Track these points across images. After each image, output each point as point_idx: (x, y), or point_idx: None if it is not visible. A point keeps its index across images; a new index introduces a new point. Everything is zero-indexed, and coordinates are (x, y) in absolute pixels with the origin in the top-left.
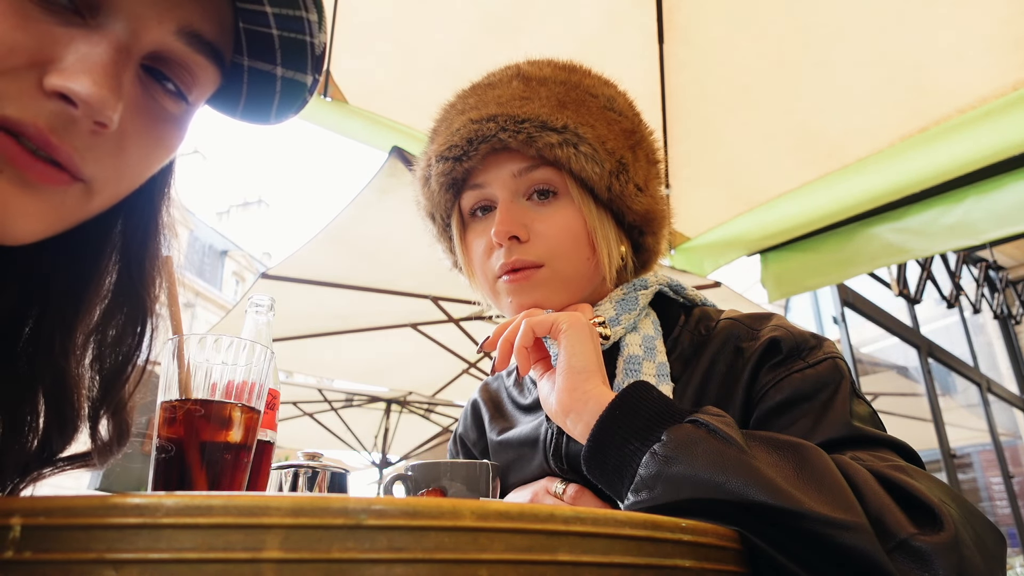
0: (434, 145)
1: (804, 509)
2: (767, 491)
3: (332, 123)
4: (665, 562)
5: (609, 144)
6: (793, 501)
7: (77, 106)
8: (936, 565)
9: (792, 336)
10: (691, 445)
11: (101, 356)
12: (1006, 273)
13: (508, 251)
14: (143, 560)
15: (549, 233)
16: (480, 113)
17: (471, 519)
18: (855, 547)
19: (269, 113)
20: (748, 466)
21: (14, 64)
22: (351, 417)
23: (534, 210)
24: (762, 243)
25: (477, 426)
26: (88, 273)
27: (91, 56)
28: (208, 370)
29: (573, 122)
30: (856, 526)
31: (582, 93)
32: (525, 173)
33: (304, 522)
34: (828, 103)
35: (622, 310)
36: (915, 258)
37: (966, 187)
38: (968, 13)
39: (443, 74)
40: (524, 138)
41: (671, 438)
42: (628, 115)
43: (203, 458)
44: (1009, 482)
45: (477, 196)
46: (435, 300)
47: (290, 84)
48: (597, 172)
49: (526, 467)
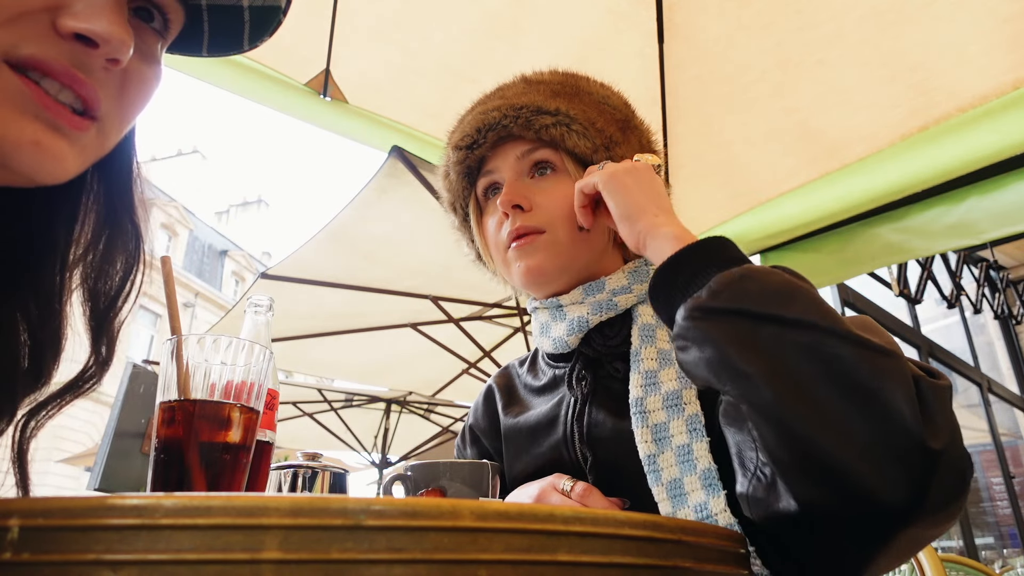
0: (451, 141)
1: (856, 334)
2: (831, 318)
3: (332, 123)
4: (665, 562)
5: (599, 124)
6: (852, 331)
7: (98, 46)
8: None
9: None
10: (767, 273)
11: (94, 277)
12: (1007, 273)
13: (513, 219)
14: (142, 561)
15: (548, 203)
16: (487, 107)
17: (470, 519)
18: (895, 370)
19: (241, 42)
20: (816, 300)
21: (30, 7)
22: (351, 417)
23: (535, 185)
24: (762, 243)
25: (489, 413)
26: (73, 201)
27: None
28: (207, 370)
29: (565, 107)
30: (894, 354)
31: (575, 89)
32: (527, 155)
33: (303, 523)
34: (828, 103)
35: (634, 280)
36: (916, 258)
37: (967, 187)
38: (968, 12)
39: (443, 74)
40: (523, 122)
41: (747, 267)
42: (621, 109)
43: (202, 458)
44: (1010, 482)
45: (489, 180)
46: (435, 300)
47: (259, 11)
48: (588, 147)
49: (539, 448)
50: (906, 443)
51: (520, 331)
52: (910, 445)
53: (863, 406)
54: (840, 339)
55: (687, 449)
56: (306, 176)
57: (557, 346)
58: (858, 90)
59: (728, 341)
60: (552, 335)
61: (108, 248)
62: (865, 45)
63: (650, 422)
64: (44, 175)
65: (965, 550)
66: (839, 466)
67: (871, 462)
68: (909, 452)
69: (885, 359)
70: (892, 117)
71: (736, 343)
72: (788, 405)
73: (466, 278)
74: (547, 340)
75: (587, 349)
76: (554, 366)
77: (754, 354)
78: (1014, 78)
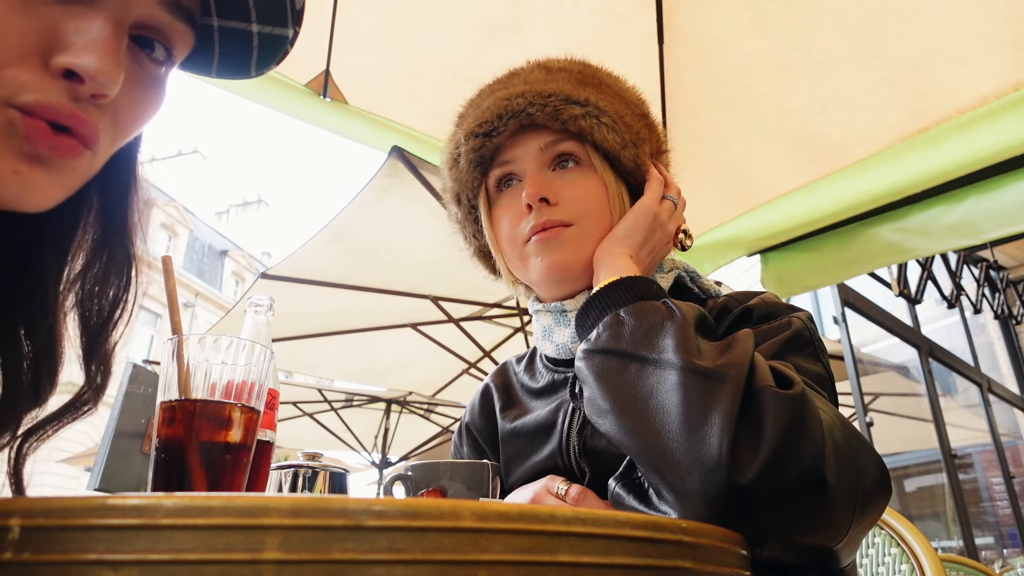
0: (463, 128)
1: (692, 363)
2: (680, 350)
3: (332, 123)
4: (665, 563)
5: (627, 119)
6: (697, 358)
7: (84, 81)
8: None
9: (766, 305)
10: (646, 311)
11: (87, 299)
12: (1007, 273)
13: (538, 212)
14: (142, 561)
15: (575, 196)
16: (509, 91)
17: (471, 520)
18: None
19: (248, 68)
20: (682, 331)
21: (26, 49)
22: (351, 417)
23: (559, 178)
24: (762, 243)
25: (486, 412)
26: (70, 223)
27: (92, 32)
28: (208, 370)
29: (594, 97)
30: (724, 377)
31: (598, 79)
32: (551, 146)
33: (304, 523)
34: (828, 103)
35: None
36: (916, 258)
37: (967, 187)
38: (968, 13)
39: (443, 74)
40: (551, 111)
41: (635, 307)
42: (639, 104)
43: (202, 458)
44: (1010, 482)
45: (504, 171)
46: (435, 300)
47: (268, 39)
48: (618, 142)
49: (536, 455)
50: (715, 476)
51: (520, 331)
52: (718, 478)
53: (690, 433)
54: (679, 370)
55: None
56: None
57: (560, 351)
58: (858, 92)
59: (597, 379)
60: (555, 340)
61: (101, 269)
62: (865, 47)
63: None
64: (28, 204)
65: (965, 550)
66: (671, 488)
67: (690, 486)
68: (716, 484)
69: (714, 384)
70: (892, 118)
71: (602, 380)
72: (633, 432)
73: (466, 278)
74: (549, 344)
75: None
76: (554, 370)
77: (614, 389)
78: (1014, 80)
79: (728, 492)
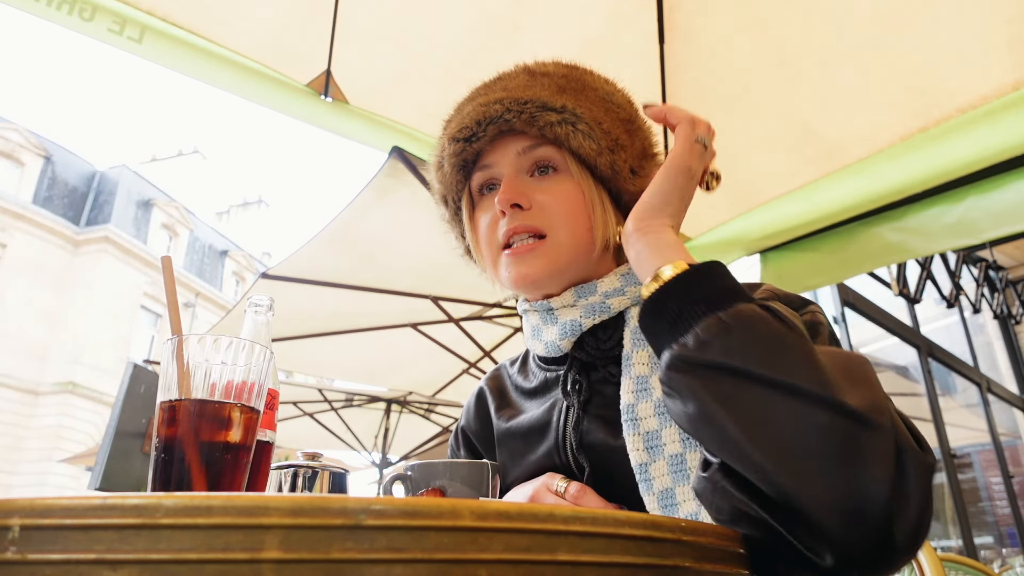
0: (447, 131)
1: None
2: (818, 378)
3: (333, 124)
4: (665, 562)
5: (605, 125)
6: (839, 392)
7: None
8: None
9: (776, 296)
10: (756, 322)
11: None
12: (1006, 273)
13: (511, 218)
14: (142, 561)
15: (549, 203)
16: (488, 98)
17: (470, 519)
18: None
19: None
20: (805, 352)
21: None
22: (351, 417)
23: (535, 183)
24: (762, 243)
25: (481, 416)
26: None
27: None
28: (207, 370)
29: (571, 104)
30: (879, 428)
31: (581, 84)
32: (528, 151)
33: (303, 522)
34: (828, 103)
35: (627, 282)
36: (915, 258)
37: (966, 187)
38: (969, 13)
39: (443, 74)
40: (527, 118)
41: (737, 311)
42: (625, 108)
43: (202, 458)
44: (1009, 482)
45: (485, 176)
46: (435, 300)
47: None
48: (594, 148)
49: (533, 454)
50: (873, 526)
51: (520, 331)
52: (877, 529)
53: (842, 480)
54: (825, 407)
55: (680, 459)
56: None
57: (549, 350)
58: (858, 91)
59: (710, 399)
60: (544, 339)
61: None
62: (865, 46)
63: (641, 429)
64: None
65: (964, 550)
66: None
67: (844, 530)
68: (874, 534)
69: (869, 434)
70: (892, 118)
71: (718, 402)
72: (771, 470)
73: (466, 278)
74: (539, 343)
75: (580, 353)
76: (546, 369)
77: (736, 415)
78: (1013, 79)
79: (883, 550)
